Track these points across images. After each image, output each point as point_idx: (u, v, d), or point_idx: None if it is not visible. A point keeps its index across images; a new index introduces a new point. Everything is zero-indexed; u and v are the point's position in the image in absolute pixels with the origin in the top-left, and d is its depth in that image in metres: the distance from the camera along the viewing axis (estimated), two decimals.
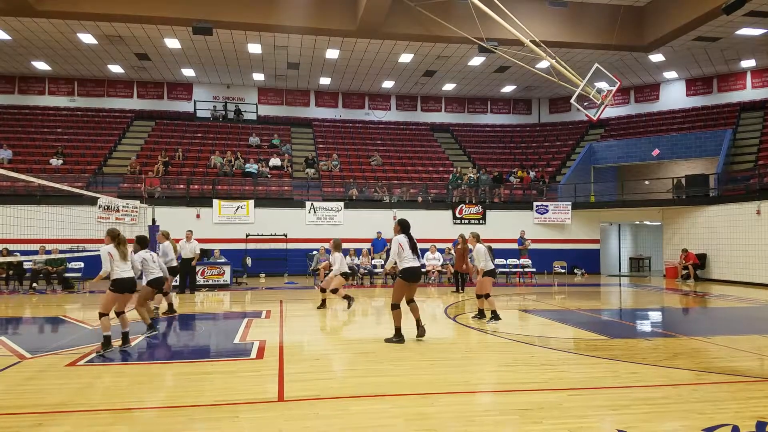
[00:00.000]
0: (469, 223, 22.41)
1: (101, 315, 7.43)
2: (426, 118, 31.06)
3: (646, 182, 24.81)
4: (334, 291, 11.99)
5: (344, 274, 12.11)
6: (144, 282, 8.93)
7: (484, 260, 10.17)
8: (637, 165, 26.33)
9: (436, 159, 27.42)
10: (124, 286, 7.56)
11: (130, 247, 7.95)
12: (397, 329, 8.18)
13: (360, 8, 19.09)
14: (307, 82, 28.62)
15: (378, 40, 22.06)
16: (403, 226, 8.44)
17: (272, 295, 15.12)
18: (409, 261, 8.19)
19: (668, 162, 25.68)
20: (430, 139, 29.58)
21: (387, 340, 8.16)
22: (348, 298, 11.90)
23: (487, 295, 10.21)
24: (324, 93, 30.10)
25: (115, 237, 7.64)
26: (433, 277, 18.66)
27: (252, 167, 23.21)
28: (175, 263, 12.11)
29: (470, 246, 10.89)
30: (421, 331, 8.34)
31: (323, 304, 12.34)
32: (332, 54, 24.01)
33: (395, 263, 8.39)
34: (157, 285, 8.97)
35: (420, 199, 23.02)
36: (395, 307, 8.21)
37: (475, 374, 6.53)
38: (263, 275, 20.71)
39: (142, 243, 8.98)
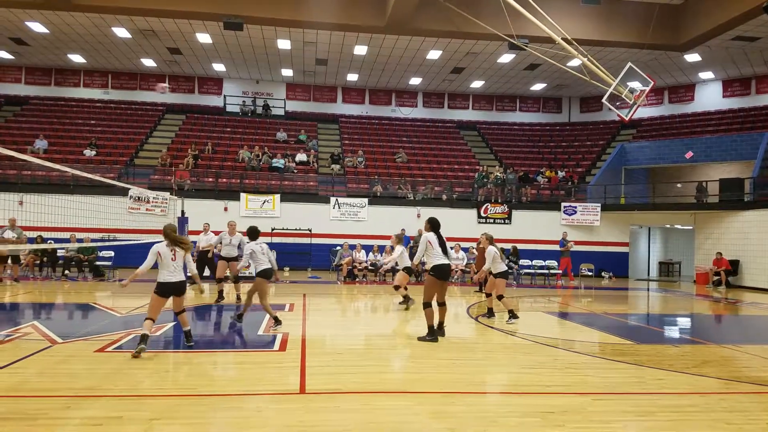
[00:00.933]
0: (494, 222, 22.22)
1: (146, 319, 6.87)
2: (453, 116, 30.89)
3: (678, 185, 24.28)
4: (397, 288, 11.74)
5: (407, 270, 11.71)
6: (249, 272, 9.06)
7: (490, 261, 10.15)
8: (669, 167, 25.76)
9: (462, 157, 27.26)
10: (167, 290, 6.92)
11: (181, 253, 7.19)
12: (430, 327, 8.10)
13: (389, 4, 19.05)
14: (334, 78, 28.72)
15: (406, 36, 22.00)
16: (433, 225, 8.44)
17: (296, 289, 15.23)
18: (439, 258, 8.14)
19: (702, 165, 25.06)
20: (456, 137, 29.41)
21: (420, 339, 8.09)
22: (407, 299, 11.52)
23: (501, 296, 10.16)
24: (351, 89, 30.18)
25: (167, 235, 7.00)
26: (456, 276, 18.56)
27: (279, 162, 23.40)
28: (235, 252, 12.01)
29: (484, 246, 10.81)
30: (441, 332, 8.28)
31: (406, 301, 11.67)
32: (360, 50, 24.04)
33: (421, 260, 8.34)
34: (266, 276, 8.83)
35: (444, 197, 22.92)
36: (427, 305, 8.13)
37: (497, 375, 6.49)
38: (287, 269, 20.86)
39: (252, 235, 8.98)
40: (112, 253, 17.84)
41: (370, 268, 18.63)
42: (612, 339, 8.93)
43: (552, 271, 20.18)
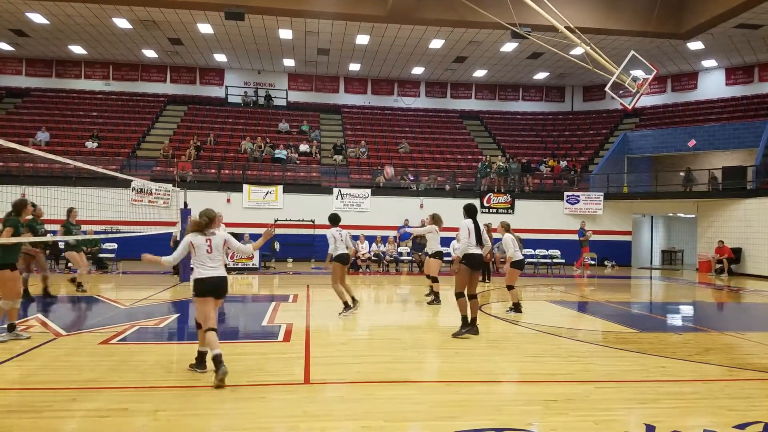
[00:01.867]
0: (497, 212, 22.19)
1: (197, 326, 5.81)
2: (456, 105, 30.77)
3: (681, 173, 24.21)
4: (435, 279, 10.97)
5: (437, 254, 10.86)
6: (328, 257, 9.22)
7: (513, 249, 10.00)
8: (672, 156, 25.67)
9: (464, 147, 27.18)
10: (206, 288, 5.60)
11: (224, 235, 5.87)
12: (464, 318, 7.72)
13: None
14: (336, 68, 28.60)
15: (409, 25, 21.86)
16: (469, 211, 8.13)
17: (299, 280, 15.27)
18: (472, 248, 7.82)
19: (705, 153, 24.97)
20: (459, 127, 29.31)
21: (455, 335, 7.60)
22: (436, 297, 10.86)
23: (511, 287, 10.11)
24: (353, 79, 30.05)
25: (198, 223, 5.76)
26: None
27: (281, 153, 23.37)
28: None
29: (499, 235, 10.73)
30: (474, 331, 7.73)
31: (432, 292, 11.16)
32: (362, 40, 23.91)
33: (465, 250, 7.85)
34: (342, 261, 9.11)
35: (447, 187, 22.88)
36: (459, 296, 7.79)
37: (500, 364, 6.50)
38: (291, 260, 20.91)
39: (333, 221, 9.27)
40: (115, 245, 17.87)
41: (373, 258, 18.66)
42: (615, 327, 8.95)
43: (555, 261, 20.20)
